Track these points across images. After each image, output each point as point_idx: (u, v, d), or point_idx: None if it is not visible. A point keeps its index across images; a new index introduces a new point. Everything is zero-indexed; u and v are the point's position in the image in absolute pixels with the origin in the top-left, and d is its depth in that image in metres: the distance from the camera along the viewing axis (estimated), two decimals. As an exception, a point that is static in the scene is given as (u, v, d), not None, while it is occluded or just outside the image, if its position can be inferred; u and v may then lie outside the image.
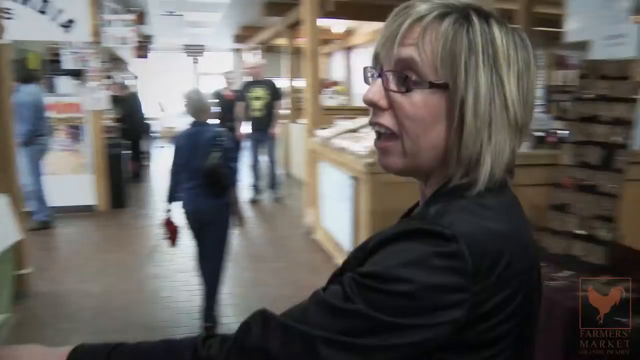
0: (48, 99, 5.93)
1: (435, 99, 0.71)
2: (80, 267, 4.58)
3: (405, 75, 0.72)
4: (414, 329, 0.65)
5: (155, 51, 13.54)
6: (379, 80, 0.75)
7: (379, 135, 0.77)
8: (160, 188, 6.70)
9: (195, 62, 14.69)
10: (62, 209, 6.08)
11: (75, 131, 6.39)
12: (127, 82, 10.64)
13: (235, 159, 3.40)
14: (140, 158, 9.18)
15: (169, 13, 9.35)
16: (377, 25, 7.97)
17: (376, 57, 0.77)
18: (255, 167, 7.13)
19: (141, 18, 8.92)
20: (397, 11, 0.74)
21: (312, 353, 0.65)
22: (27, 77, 5.48)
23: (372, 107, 0.76)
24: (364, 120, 4.54)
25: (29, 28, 5.69)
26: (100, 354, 0.75)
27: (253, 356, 0.68)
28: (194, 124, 3.28)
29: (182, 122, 3.93)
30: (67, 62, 6.15)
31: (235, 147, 4.32)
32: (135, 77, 13.11)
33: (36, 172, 5.55)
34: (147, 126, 10.33)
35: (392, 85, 0.74)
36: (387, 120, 0.75)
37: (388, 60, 0.74)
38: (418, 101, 0.71)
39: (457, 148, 0.72)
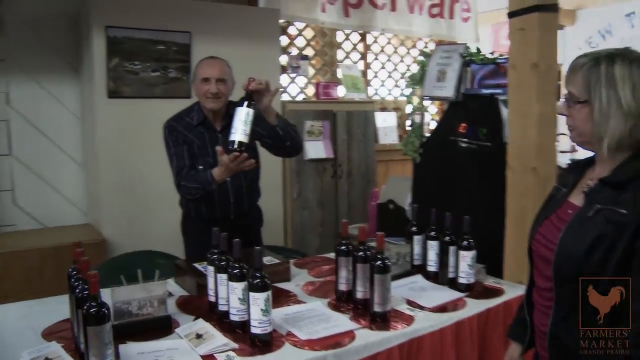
0: None
1: (583, 108, 1.33)
2: None
3: (569, 99, 1.37)
4: None
5: None
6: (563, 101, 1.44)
7: (568, 127, 1.43)
8: None
9: None
10: None
11: None
12: None
13: None
14: None
15: None
16: None
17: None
18: None
19: None
20: (570, 66, 1.38)
21: None
22: None
23: (561, 115, 1.47)
24: None
25: None
26: None
27: None
28: None
29: None
30: None
31: None
32: None
33: None
34: None
35: (568, 103, 1.38)
36: (568, 121, 1.39)
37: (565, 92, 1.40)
38: (577, 110, 1.35)
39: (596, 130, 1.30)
